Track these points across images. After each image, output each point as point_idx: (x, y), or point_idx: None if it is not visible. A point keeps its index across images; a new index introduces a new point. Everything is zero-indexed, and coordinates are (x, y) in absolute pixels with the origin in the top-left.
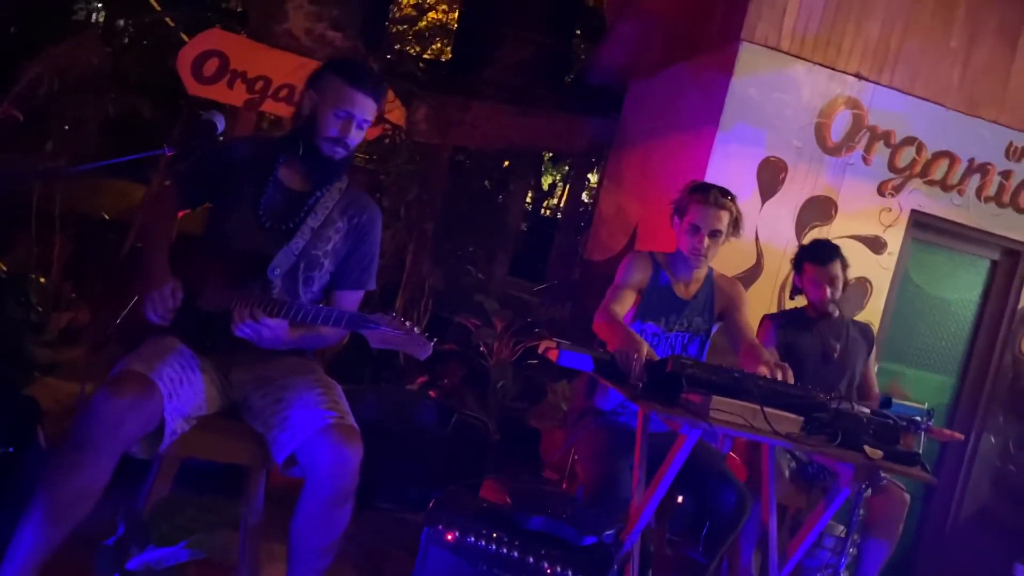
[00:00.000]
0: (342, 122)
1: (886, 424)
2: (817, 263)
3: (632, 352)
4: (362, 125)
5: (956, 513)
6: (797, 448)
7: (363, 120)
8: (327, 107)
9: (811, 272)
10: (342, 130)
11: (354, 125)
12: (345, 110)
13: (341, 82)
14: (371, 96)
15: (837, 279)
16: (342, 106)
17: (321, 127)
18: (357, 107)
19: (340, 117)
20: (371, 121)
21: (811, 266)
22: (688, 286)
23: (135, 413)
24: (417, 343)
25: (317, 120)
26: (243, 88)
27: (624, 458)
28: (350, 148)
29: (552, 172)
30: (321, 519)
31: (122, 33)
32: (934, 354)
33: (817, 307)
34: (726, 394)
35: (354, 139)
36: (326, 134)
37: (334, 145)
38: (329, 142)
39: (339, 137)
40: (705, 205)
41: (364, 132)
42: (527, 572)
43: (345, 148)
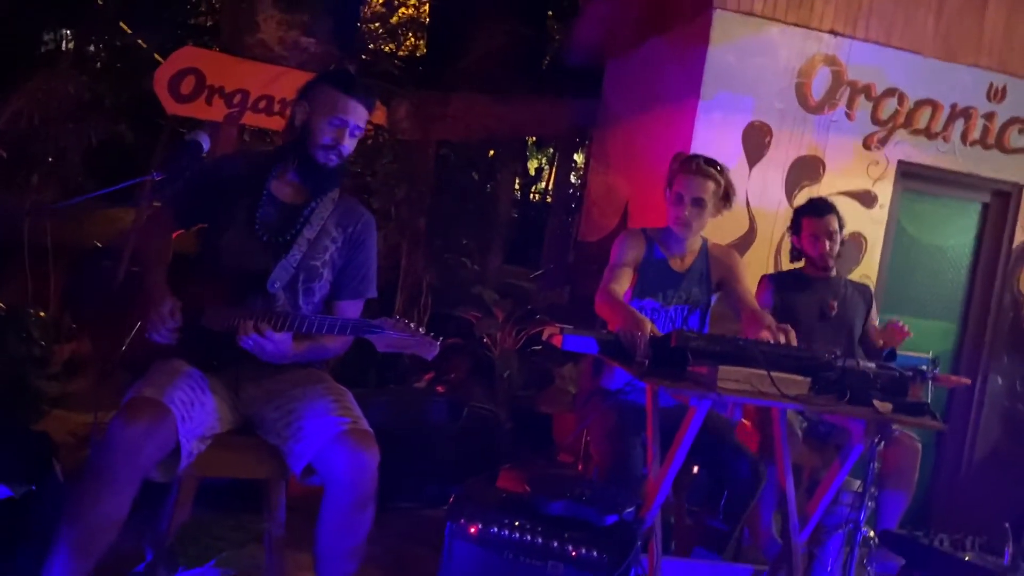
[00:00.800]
0: (336, 129)
1: (893, 377)
2: (814, 215)
3: (635, 330)
4: (355, 133)
5: (969, 457)
6: (807, 409)
7: (356, 127)
8: (321, 116)
9: (809, 227)
10: (336, 137)
11: (347, 132)
12: (339, 117)
13: (334, 91)
14: (363, 103)
15: (835, 233)
16: (336, 113)
17: (316, 135)
18: (351, 114)
19: (334, 124)
20: (363, 129)
21: (809, 220)
22: (683, 259)
23: (150, 439)
24: (423, 344)
25: (311, 129)
26: (222, 103)
27: (635, 436)
28: (343, 156)
29: (537, 156)
30: (345, 525)
31: (95, 59)
32: (933, 302)
33: (817, 263)
34: (732, 362)
35: (347, 147)
36: (321, 141)
37: (328, 152)
38: (324, 150)
39: (333, 144)
40: (688, 174)
41: (355, 141)
42: (552, 557)
43: (339, 156)
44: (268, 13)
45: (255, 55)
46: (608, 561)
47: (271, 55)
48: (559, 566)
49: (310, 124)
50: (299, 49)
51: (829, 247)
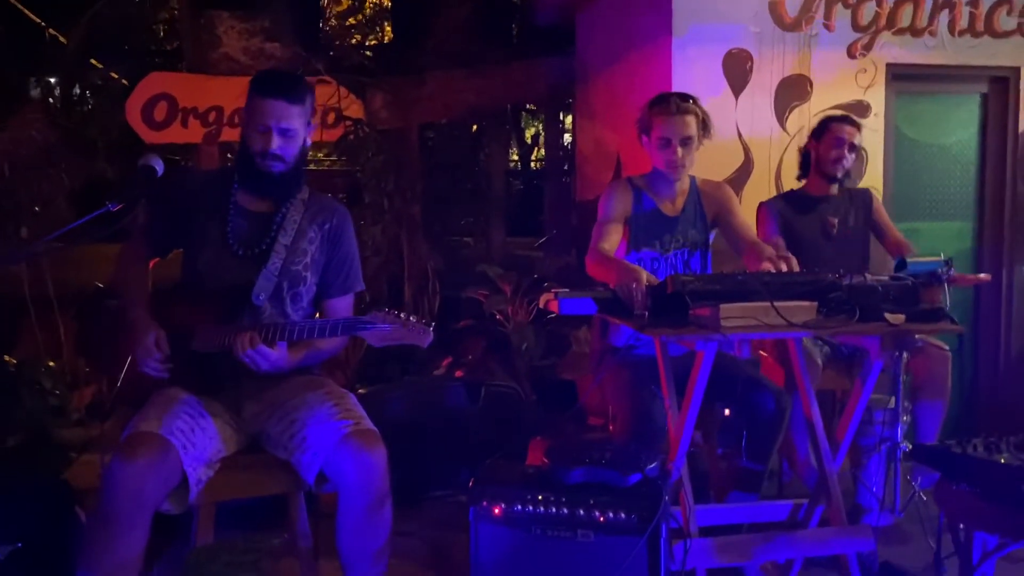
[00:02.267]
0: (261, 135)
1: (903, 287)
2: (844, 123)
3: (630, 282)
4: (286, 133)
5: (1007, 353)
6: (817, 335)
7: (284, 127)
8: (247, 124)
9: (836, 130)
10: (264, 143)
11: (275, 135)
12: (260, 123)
13: (252, 96)
14: (282, 99)
15: (856, 146)
16: (257, 119)
17: (248, 144)
18: (270, 116)
19: (259, 131)
20: (296, 127)
21: (837, 125)
22: (674, 202)
23: (153, 474)
24: (416, 333)
25: (245, 140)
26: (198, 124)
27: (649, 388)
28: (287, 159)
29: (532, 123)
30: (364, 527)
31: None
32: (945, 202)
33: (827, 168)
34: (733, 299)
35: (285, 149)
36: (251, 150)
37: (264, 160)
38: (259, 157)
39: (263, 151)
40: (668, 115)
41: (297, 139)
42: (580, 525)
43: (279, 160)
44: (227, 25)
45: (222, 70)
46: (637, 520)
47: (238, 67)
48: (588, 533)
49: (244, 134)
50: (265, 56)
51: (847, 156)
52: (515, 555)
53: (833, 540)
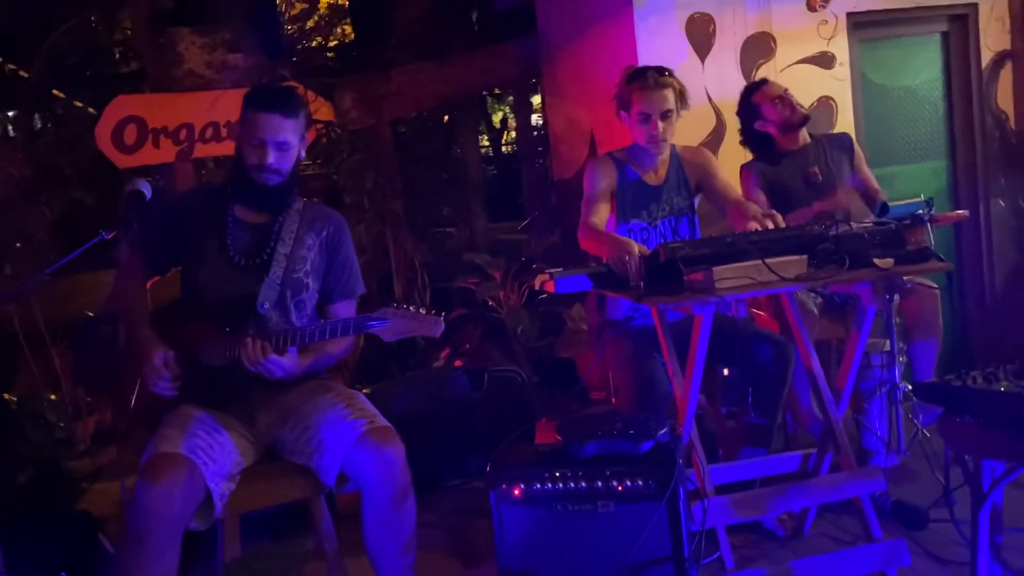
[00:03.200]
0: (257, 150)
1: (888, 231)
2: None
3: (623, 255)
4: (283, 146)
5: (991, 286)
6: (810, 287)
7: (280, 141)
8: (243, 138)
9: (763, 102)
10: (260, 157)
11: (270, 148)
12: (256, 137)
13: (248, 110)
14: (277, 113)
15: (786, 92)
16: (252, 133)
17: (244, 158)
18: (266, 130)
19: (254, 145)
20: (292, 140)
21: (759, 96)
22: (657, 172)
23: (178, 493)
24: (428, 323)
25: (241, 153)
26: (169, 143)
27: (651, 357)
28: (283, 172)
29: (499, 108)
30: (389, 521)
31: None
32: (918, 144)
33: (784, 126)
34: (725, 261)
35: (281, 162)
36: (247, 163)
37: (260, 173)
38: (255, 171)
39: (259, 164)
40: (647, 90)
41: (292, 152)
42: (600, 497)
43: (275, 173)
44: (188, 41)
45: (188, 86)
46: (655, 486)
47: (203, 81)
48: (608, 504)
49: (239, 148)
50: (229, 68)
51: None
52: (539, 533)
53: (846, 485)
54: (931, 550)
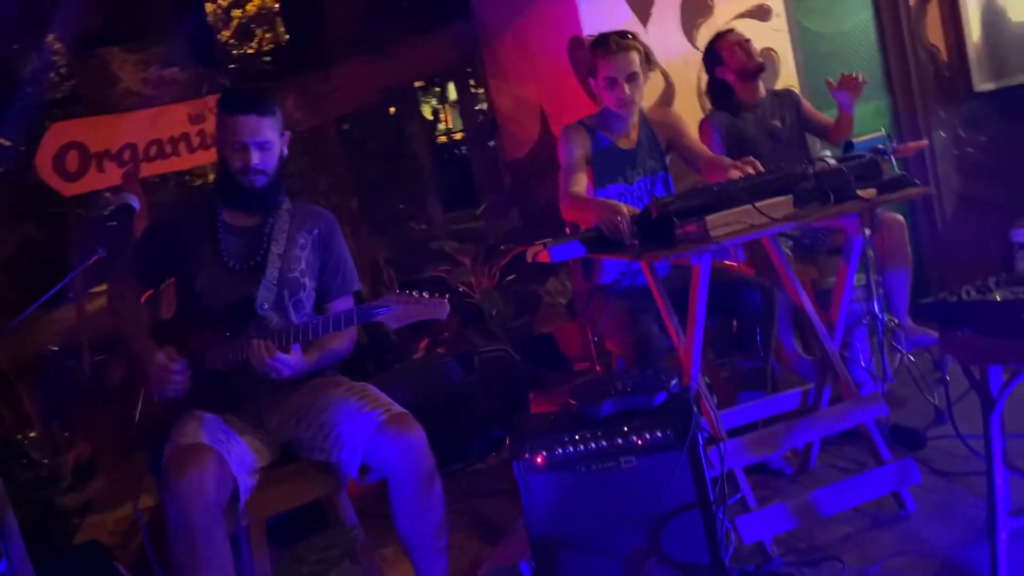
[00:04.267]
0: (239, 153)
1: (864, 163)
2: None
3: (614, 216)
4: (264, 146)
5: (942, 215)
6: (800, 224)
7: (261, 141)
8: (224, 144)
9: (724, 47)
10: (243, 159)
11: (252, 150)
12: (237, 140)
13: (223, 115)
14: (253, 114)
15: (748, 41)
16: (232, 138)
17: (228, 164)
18: (244, 132)
19: (235, 148)
20: (272, 138)
21: (721, 43)
22: (628, 135)
23: (210, 477)
24: (433, 306)
25: (224, 160)
26: (114, 166)
27: (645, 315)
28: (268, 171)
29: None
30: (419, 506)
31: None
32: None
33: (740, 72)
34: (715, 210)
35: (266, 162)
36: (232, 168)
37: (246, 175)
38: (240, 175)
39: (245, 167)
40: (610, 55)
41: (275, 150)
42: (622, 452)
43: (261, 174)
44: (121, 60)
45: (126, 106)
46: (674, 435)
47: (141, 99)
48: (631, 459)
49: (222, 154)
50: (165, 83)
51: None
52: (566, 496)
53: (851, 413)
54: (934, 466)
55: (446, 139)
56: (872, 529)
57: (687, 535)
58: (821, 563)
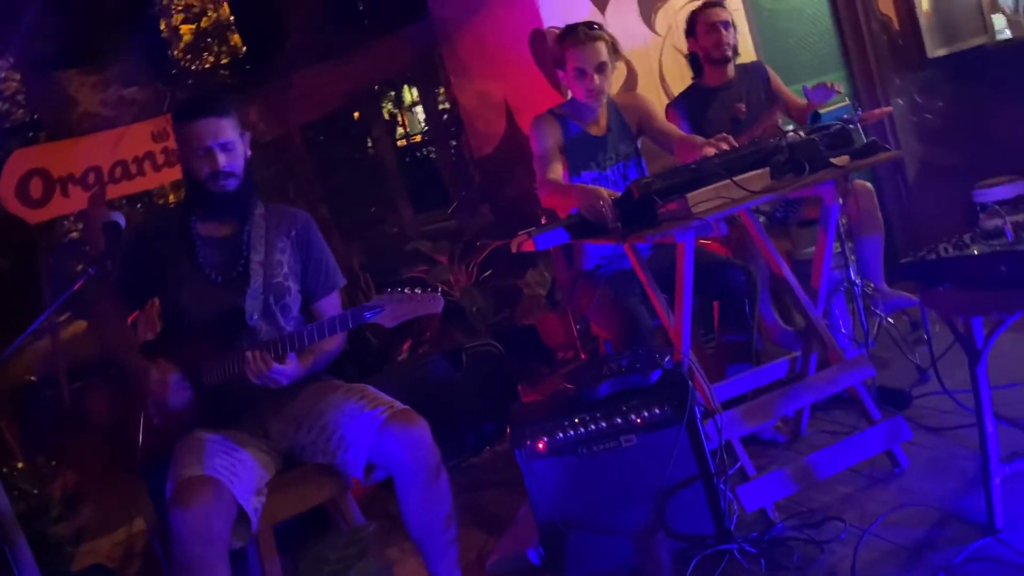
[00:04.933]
0: (204, 159)
1: (833, 133)
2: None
3: (595, 201)
4: (227, 147)
5: (904, 182)
6: (779, 195)
7: (223, 142)
8: (187, 155)
9: (703, 20)
10: (210, 164)
11: (217, 152)
12: (199, 147)
13: (180, 125)
14: (211, 115)
15: (728, 22)
16: (194, 145)
17: (195, 174)
18: (205, 136)
19: (199, 155)
20: (234, 137)
21: (699, 17)
22: (598, 122)
23: (215, 512)
24: (427, 301)
25: (190, 170)
26: (79, 190)
27: (632, 297)
28: (237, 173)
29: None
30: (427, 500)
31: None
32: (814, 60)
33: (714, 54)
34: (695, 187)
35: (231, 163)
36: (201, 177)
37: (216, 180)
38: (210, 180)
39: (212, 172)
40: (579, 45)
41: (239, 150)
42: (622, 432)
43: (231, 176)
44: (78, 82)
45: (86, 128)
46: (672, 410)
47: (102, 120)
48: (632, 437)
49: (187, 165)
50: (125, 102)
51: (725, 35)
52: (570, 480)
53: (840, 376)
54: (923, 423)
55: (411, 140)
56: (869, 488)
57: (691, 508)
58: (823, 524)
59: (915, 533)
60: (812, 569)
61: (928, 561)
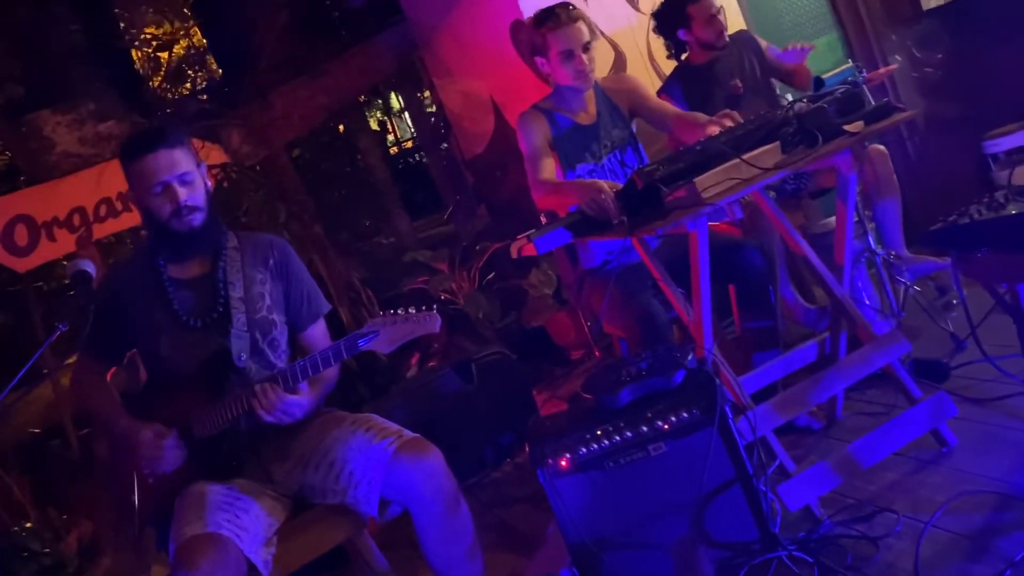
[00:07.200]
0: (161, 196)
1: (843, 98)
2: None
3: (596, 195)
4: (185, 179)
5: (912, 141)
6: (793, 169)
7: (180, 175)
8: (142, 193)
9: (696, 13)
10: (170, 200)
11: (176, 186)
12: (155, 183)
13: (131, 164)
14: (163, 148)
15: (718, 13)
16: (149, 182)
17: (156, 214)
18: (160, 170)
19: (157, 192)
20: (191, 168)
21: (696, 9)
22: (587, 111)
23: (222, 570)
24: (423, 321)
25: (149, 211)
26: (65, 233)
27: (644, 292)
28: (200, 206)
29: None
30: (448, 532)
31: None
32: (806, 22)
33: (716, 44)
34: (703, 171)
35: (192, 197)
36: (162, 216)
37: (179, 217)
38: (173, 218)
39: (174, 208)
40: (561, 27)
41: (198, 182)
42: (649, 441)
43: (194, 210)
44: (53, 123)
45: (66, 169)
46: (700, 413)
47: (81, 160)
48: (660, 445)
49: (144, 206)
50: (103, 138)
51: (721, 20)
52: (599, 495)
53: (874, 356)
54: (966, 395)
55: (401, 147)
56: (917, 472)
57: (730, 513)
58: (874, 517)
59: (975, 519)
60: (869, 568)
61: (995, 549)
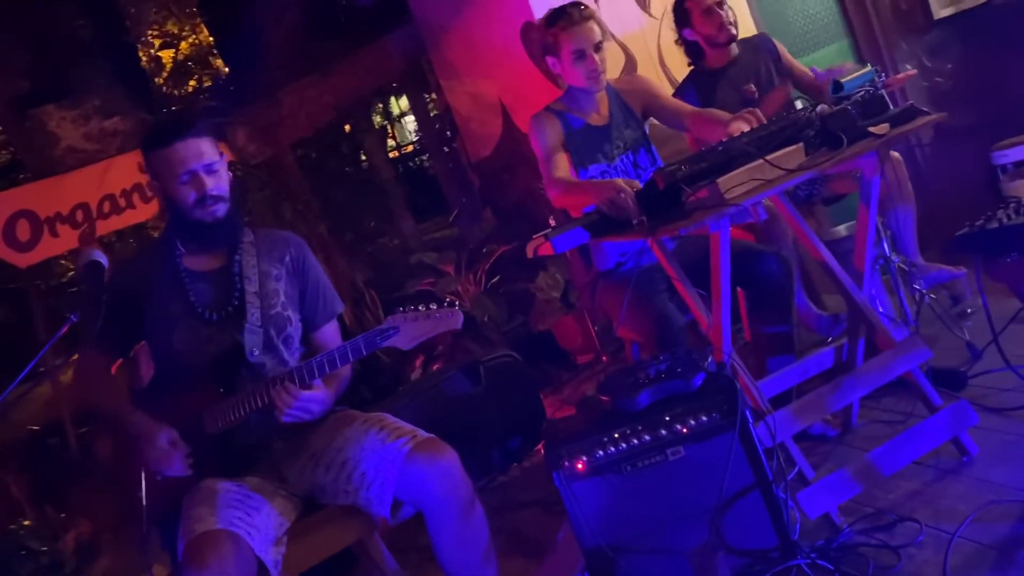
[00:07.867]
0: (189, 184)
1: (866, 101)
2: None
3: (615, 194)
4: (212, 168)
5: (921, 149)
6: (818, 171)
7: (207, 164)
8: (169, 182)
9: (693, 9)
10: (196, 188)
11: (203, 175)
12: (181, 171)
13: (155, 152)
14: (190, 137)
15: (718, 5)
16: (175, 171)
17: (180, 202)
18: (188, 159)
19: (185, 180)
20: (216, 158)
21: (691, 3)
22: (600, 111)
23: (233, 568)
24: (446, 318)
25: (173, 199)
26: (68, 229)
27: (659, 294)
28: (225, 196)
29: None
30: (463, 536)
31: None
32: (817, 30)
33: (718, 39)
34: (725, 171)
35: (218, 187)
36: (188, 205)
37: (204, 206)
38: (198, 208)
39: (200, 198)
40: (574, 26)
41: (222, 171)
42: (668, 444)
43: (219, 200)
44: (58, 118)
45: (70, 164)
46: (720, 417)
47: (86, 155)
48: (679, 449)
49: (169, 195)
50: (108, 135)
51: (724, 15)
52: (616, 499)
53: (894, 363)
54: (985, 404)
55: (406, 149)
56: (938, 481)
57: (749, 520)
58: (895, 526)
59: (1000, 529)
60: None
61: (1021, 560)
